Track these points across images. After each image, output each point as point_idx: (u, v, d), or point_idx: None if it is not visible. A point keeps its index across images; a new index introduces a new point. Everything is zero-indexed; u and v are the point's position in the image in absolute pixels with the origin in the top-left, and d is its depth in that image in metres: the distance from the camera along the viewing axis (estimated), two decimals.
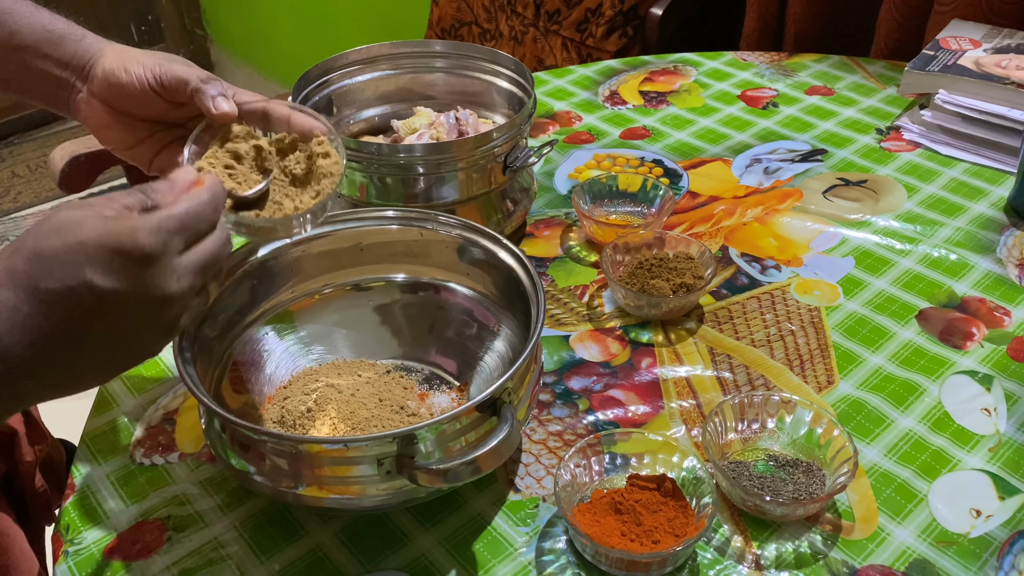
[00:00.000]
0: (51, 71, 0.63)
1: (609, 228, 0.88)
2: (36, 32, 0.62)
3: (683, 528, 0.59)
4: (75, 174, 1.21)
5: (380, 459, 0.55)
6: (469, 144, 0.80)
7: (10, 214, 2.40)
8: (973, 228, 0.91)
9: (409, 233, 0.73)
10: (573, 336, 0.79)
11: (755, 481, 0.64)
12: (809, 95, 1.16)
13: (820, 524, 0.63)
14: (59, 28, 0.63)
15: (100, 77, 0.62)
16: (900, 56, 1.30)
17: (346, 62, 0.93)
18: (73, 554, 0.62)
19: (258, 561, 0.61)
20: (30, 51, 0.62)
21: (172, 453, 0.70)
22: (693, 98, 1.17)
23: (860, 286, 0.84)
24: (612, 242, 0.83)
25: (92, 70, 0.63)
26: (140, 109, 0.63)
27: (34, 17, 0.63)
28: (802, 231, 0.92)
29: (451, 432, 0.56)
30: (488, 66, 0.93)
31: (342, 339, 0.75)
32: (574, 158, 1.04)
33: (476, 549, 0.62)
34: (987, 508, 0.63)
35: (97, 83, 0.62)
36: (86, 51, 0.63)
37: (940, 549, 0.61)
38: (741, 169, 1.02)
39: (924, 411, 0.71)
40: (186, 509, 0.65)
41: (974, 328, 0.79)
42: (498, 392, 0.56)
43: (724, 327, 0.80)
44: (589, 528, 0.59)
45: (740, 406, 0.67)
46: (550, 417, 0.71)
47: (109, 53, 0.63)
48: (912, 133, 1.07)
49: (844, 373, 0.75)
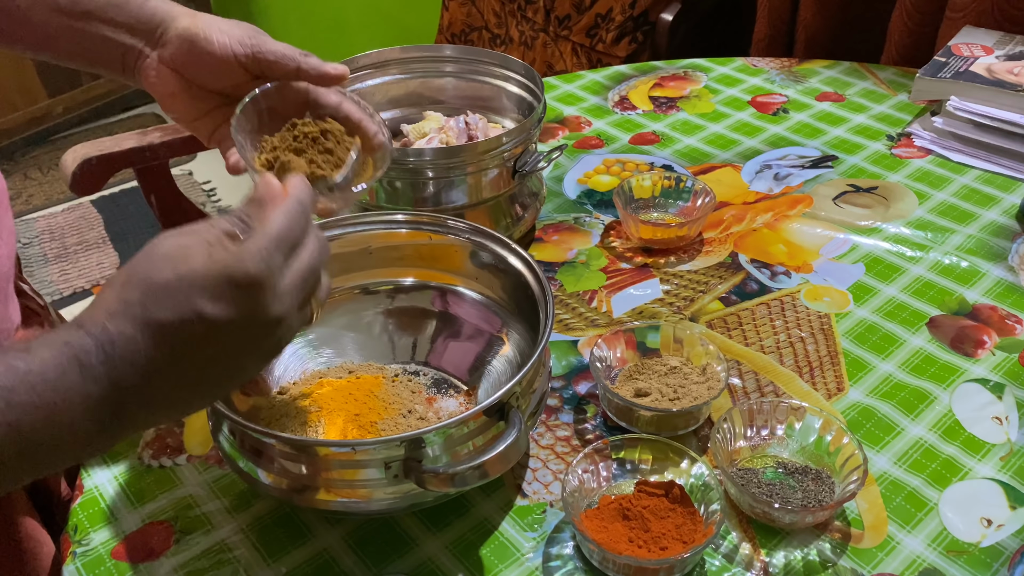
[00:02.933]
0: (116, 37, 0.60)
1: (651, 227, 0.88)
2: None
3: (691, 535, 0.59)
4: (87, 176, 1.22)
5: (388, 463, 0.55)
6: (479, 148, 0.81)
7: (22, 216, 2.41)
8: (984, 235, 0.91)
9: (418, 237, 0.73)
10: (582, 341, 0.79)
11: (764, 488, 0.63)
12: (820, 101, 1.16)
13: (829, 532, 0.62)
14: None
15: (175, 43, 0.59)
16: (911, 63, 1.29)
17: (357, 66, 0.93)
18: (81, 555, 0.62)
19: (265, 564, 0.61)
20: (93, 16, 0.59)
21: (180, 455, 0.70)
22: (703, 103, 1.17)
23: (870, 293, 0.84)
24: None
25: (164, 35, 0.60)
26: (215, 80, 0.61)
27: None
28: (812, 237, 0.91)
29: (459, 436, 0.56)
30: (498, 71, 0.93)
31: (350, 342, 0.75)
32: (583, 163, 1.04)
33: (483, 554, 0.61)
34: (998, 518, 0.63)
35: (171, 50, 0.60)
36: (153, 14, 0.60)
37: (950, 558, 0.60)
38: (751, 175, 1.02)
39: (935, 419, 0.71)
40: (194, 511, 0.65)
41: (985, 336, 0.78)
42: (506, 397, 0.56)
43: (733, 333, 0.80)
44: (597, 534, 0.59)
45: (749, 412, 0.67)
46: (558, 422, 0.71)
47: (182, 17, 0.60)
48: (923, 140, 1.06)
49: (854, 380, 0.74)
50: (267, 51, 0.59)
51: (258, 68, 0.60)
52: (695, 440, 0.69)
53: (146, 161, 1.27)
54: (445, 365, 0.73)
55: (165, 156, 1.27)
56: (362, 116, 0.61)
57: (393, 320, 0.75)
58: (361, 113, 0.62)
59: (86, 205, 2.44)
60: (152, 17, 0.60)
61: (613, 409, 0.70)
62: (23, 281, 0.78)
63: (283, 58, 0.59)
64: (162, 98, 0.62)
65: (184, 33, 0.59)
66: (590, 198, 0.98)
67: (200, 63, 0.60)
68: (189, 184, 2.43)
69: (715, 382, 0.70)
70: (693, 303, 0.83)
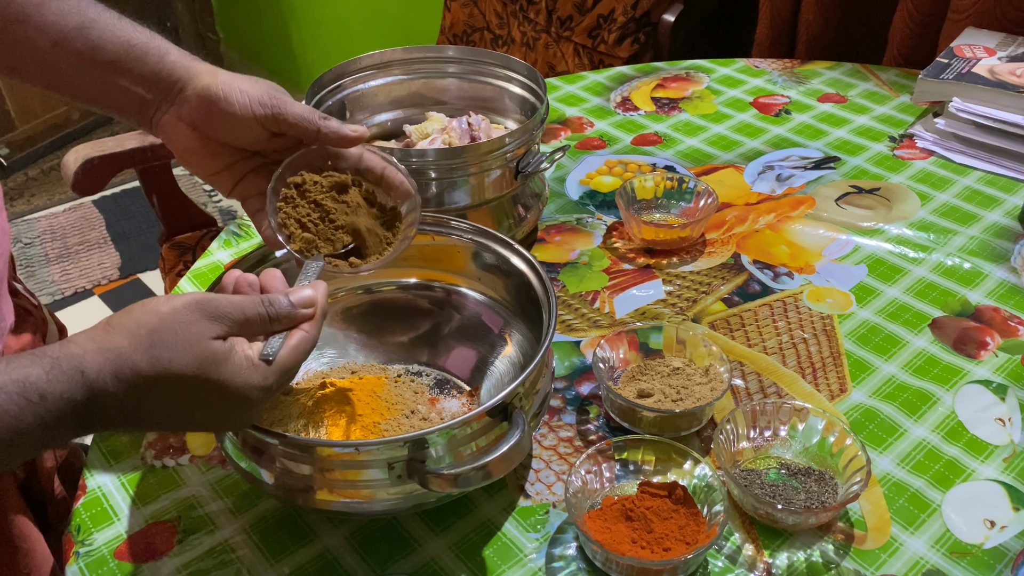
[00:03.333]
0: (134, 89, 0.60)
1: (653, 228, 0.88)
2: (118, 46, 0.59)
3: (694, 536, 0.59)
4: (89, 177, 1.22)
5: (391, 463, 0.55)
6: (481, 149, 0.81)
7: (23, 216, 2.41)
8: (987, 237, 0.90)
9: (421, 238, 0.73)
10: (584, 342, 0.79)
11: (767, 489, 0.63)
12: (822, 102, 1.16)
13: (832, 533, 0.62)
14: (142, 41, 0.60)
15: (193, 102, 0.60)
16: (913, 64, 1.29)
17: (359, 67, 0.93)
18: (84, 555, 0.62)
19: (268, 564, 0.61)
20: (112, 67, 0.60)
21: (183, 455, 0.70)
22: (705, 104, 1.17)
23: (873, 294, 0.84)
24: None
25: (183, 93, 0.60)
26: (234, 138, 0.61)
27: (118, 29, 0.60)
28: (814, 238, 0.91)
29: (462, 437, 0.56)
30: (501, 71, 0.93)
31: (353, 343, 0.75)
32: (586, 164, 1.04)
33: (486, 555, 0.61)
34: (1001, 519, 0.63)
35: (188, 108, 0.60)
36: (172, 70, 0.60)
37: (954, 560, 0.60)
38: (753, 176, 1.02)
39: (938, 420, 0.71)
40: (196, 511, 0.65)
41: (988, 337, 0.78)
42: (509, 397, 0.56)
43: (736, 334, 0.80)
44: (600, 535, 0.59)
45: (752, 413, 0.67)
46: (561, 423, 0.71)
47: (202, 76, 0.60)
48: (925, 141, 1.06)
49: (857, 381, 0.74)
50: (288, 114, 0.59)
51: (277, 128, 0.60)
52: (698, 441, 0.69)
53: (148, 161, 1.27)
54: (448, 366, 0.73)
55: (167, 156, 1.28)
56: (384, 166, 0.63)
57: (396, 320, 0.75)
58: (383, 163, 0.63)
59: (87, 205, 2.44)
60: (171, 73, 0.60)
61: (616, 410, 0.70)
62: (17, 281, 0.78)
63: (303, 121, 0.60)
64: (180, 153, 0.62)
65: (203, 92, 0.59)
66: (592, 199, 0.98)
67: (219, 122, 0.60)
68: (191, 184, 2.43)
69: (718, 383, 0.70)
70: (696, 304, 0.83)
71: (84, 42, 0.59)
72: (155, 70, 0.60)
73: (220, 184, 0.64)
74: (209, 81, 0.60)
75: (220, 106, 0.59)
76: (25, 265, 2.22)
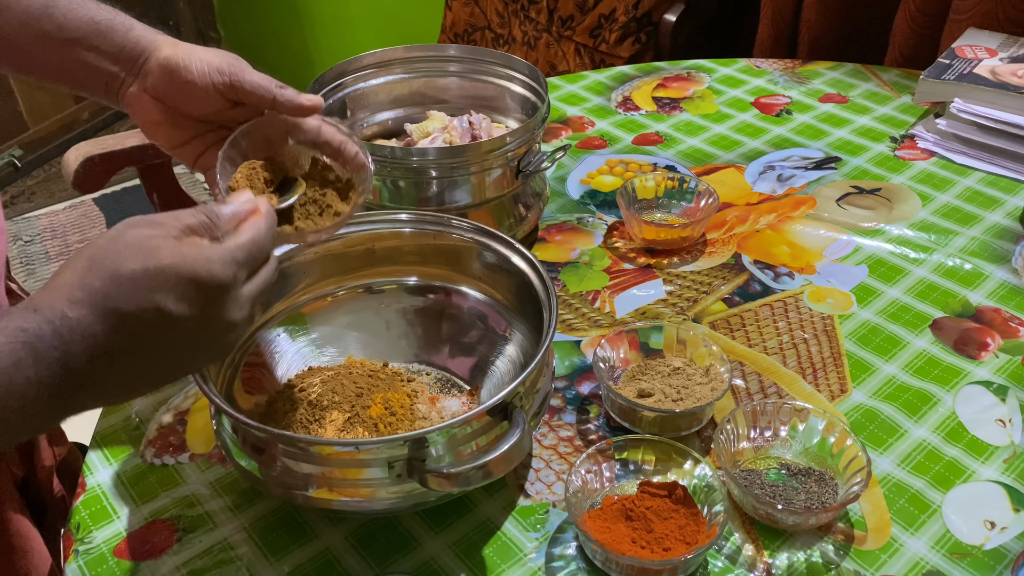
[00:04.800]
0: (100, 64, 0.61)
1: (654, 227, 0.88)
2: (83, 24, 0.60)
3: (694, 536, 0.59)
4: (89, 175, 1.22)
5: (391, 462, 0.55)
6: (482, 148, 0.80)
7: (24, 214, 2.41)
8: (988, 238, 0.90)
9: (422, 237, 0.73)
10: (584, 341, 0.79)
11: (767, 489, 0.63)
12: (823, 103, 1.16)
13: (832, 534, 0.62)
14: (106, 18, 0.61)
15: (156, 73, 0.60)
16: (914, 64, 1.29)
17: (360, 65, 0.93)
18: (83, 553, 0.62)
19: (267, 563, 0.61)
20: (78, 44, 0.60)
21: (183, 453, 0.70)
22: (706, 104, 1.17)
23: (874, 295, 0.84)
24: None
25: (146, 64, 0.61)
26: (195, 108, 0.62)
27: (81, 8, 0.60)
28: (815, 239, 0.91)
29: (462, 436, 0.56)
30: (502, 70, 0.93)
31: (354, 341, 0.75)
32: (587, 163, 1.04)
33: (486, 554, 0.61)
34: (1002, 520, 0.63)
35: (152, 79, 0.61)
36: (136, 44, 0.61)
37: (954, 561, 0.60)
38: (754, 176, 1.02)
39: (938, 421, 0.70)
40: (196, 510, 0.65)
41: (989, 338, 0.78)
42: (509, 397, 0.56)
43: (736, 334, 0.80)
44: (600, 534, 0.59)
45: (752, 413, 0.67)
46: (561, 422, 0.71)
47: (164, 47, 0.61)
48: (927, 142, 1.06)
49: (857, 382, 0.74)
50: (244, 81, 0.60)
51: (235, 96, 0.61)
52: (698, 441, 0.69)
53: (148, 159, 1.27)
54: (448, 365, 0.73)
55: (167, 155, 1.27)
56: (342, 139, 0.63)
57: (396, 320, 0.75)
58: (341, 136, 0.63)
59: (88, 203, 2.44)
60: (135, 46, 0.61)
61: (616, 410, 0.70)
62: (12, 280, 0.78)
63: (259, 88, 0.60)
64: (144, 125, 0.63)
65: (164, 63, 0.60)
66: (593, 198, 0.98)
67: (180, 91, 0.60)
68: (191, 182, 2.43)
69: (718, 383, 0.70)
70: (696, 304, 0.83)
71: (49, 21, 0.60)
72: (120, 44, 0.61)
73: (184, 156, 0.64)
74: (170, 52, 0.60)
75: (180, 75, 0.60)
76: (25, 263, 2.22)
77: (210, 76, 0.60)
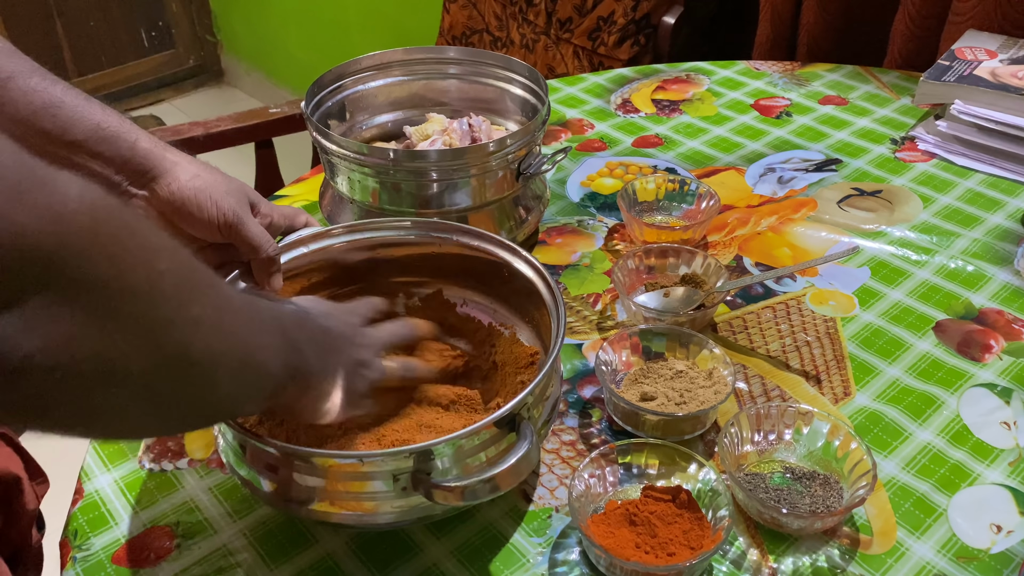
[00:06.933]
0: (103, 172, 0.62)
1: (655, 230, 0.88)
2: (89, 128, 0.61)
3: (699, 540, 0.58)
4: None
5: (396, 475, 0.54)
6: (482, 151, 0.80)
7: None
8: (990, 239, 0.90)
9: (426, 244, 0.72)
10: (586, 344, 0.79)
11: (772, 494, 0.63)
12: (823, 105, 1.16)
13: (838, 538, 0.62)
14: (112, 125, 0.62)
15: (165, 199, 0.64)
16: (914, 66, 1.29)
17: (359, 68, 0.92)
18: (81, 560, 0.62)
19: (267, 569, 0.61)
20: (81, 149, 0.61)
21: (181, 459, 0.69)
22: (706, 107, 1.16)
23: (876, 297, 0.83)
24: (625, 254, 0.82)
25: (154, 184, 0.63)
26: (199, 233, 0.66)
27: (86, 111, 0.61)
28: (817, 241, 0.91)
29: (469, 448, 0.55)
30: (502, 73, 0.93)
31: None
32: (586, 166, 1.04)
33: (489, 560, 0.61)
34: (1008, 523, 0.62)
35: (157, 201, 0.64)
36: (144, 159, 0.63)
37: (960, 565, 0.60)
38: (755, 178, 1.01)
39: (942, 424, 0.70)
40: (195, 516, 0.64)
41: (992, 340, 0.78)
42: (517, 408, 0.55)
43: (739, 337, 0.79)
44: (603, 539, 0.58)
45: (756, 417, 0.66)
46: (563, 426, 0.71)
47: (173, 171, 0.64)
48: (927, 143, 1.06)
49: (861, 385, 0.74)
50: (244, 232, 0.65)
51: (231, 238, 0.66)
52: (702, 444, 0.69)
53: None
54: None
55: None
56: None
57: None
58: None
59: None
60: (144, 161, 0.63)
61: (619, 413, 0.70)
62: None
63: (251, 243, 0.66)
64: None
65: (177, 193, 0.64)
66: (593, 201, 0.98)
67: (184, 219, 0.65)
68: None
69: (721, 386, 0.69)
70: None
71: (51, 121, 0.60)
72: (126, 157, 0.62)
73: None
74: (183, 184, 0.64)
75: (187, 208, 0.64)
76: None
77: (216, 219, 0.64)
